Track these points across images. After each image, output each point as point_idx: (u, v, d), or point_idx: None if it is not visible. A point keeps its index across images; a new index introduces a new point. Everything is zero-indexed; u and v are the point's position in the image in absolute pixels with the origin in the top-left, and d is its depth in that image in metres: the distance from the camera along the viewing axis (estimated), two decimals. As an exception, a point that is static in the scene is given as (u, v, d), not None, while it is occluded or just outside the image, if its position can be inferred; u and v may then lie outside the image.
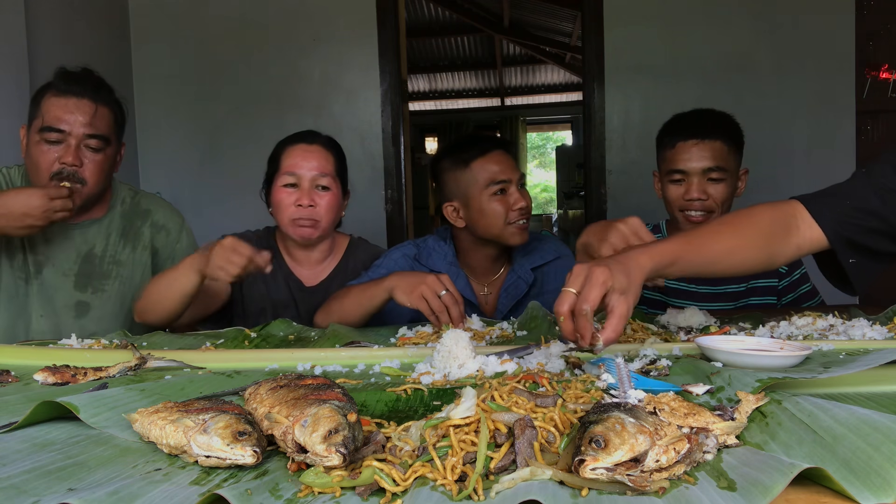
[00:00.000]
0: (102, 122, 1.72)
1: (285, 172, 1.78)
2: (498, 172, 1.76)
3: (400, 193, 3.89)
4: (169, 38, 3.87)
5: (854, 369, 0.86)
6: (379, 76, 3.80)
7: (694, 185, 1.75)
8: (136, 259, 1.87)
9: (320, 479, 0.60)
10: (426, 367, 1.06)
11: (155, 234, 1.91)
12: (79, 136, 1.68)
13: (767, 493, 0.54)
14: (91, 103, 1.69)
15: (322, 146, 1.82)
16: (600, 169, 3.73)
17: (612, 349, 1.16)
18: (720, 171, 1.75)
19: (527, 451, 0.63)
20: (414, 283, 1.49)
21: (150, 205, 1.93)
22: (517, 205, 1.76)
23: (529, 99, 10.87)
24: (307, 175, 1.77)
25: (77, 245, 1.80)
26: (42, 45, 2.93)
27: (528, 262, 1.88)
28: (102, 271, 1.83)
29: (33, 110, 1.71)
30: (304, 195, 1.76)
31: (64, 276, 1.79)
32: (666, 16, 3.63)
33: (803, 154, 3.52)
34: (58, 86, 1.69)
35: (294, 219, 1.77)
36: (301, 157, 1.78)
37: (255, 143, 3.94)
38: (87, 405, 0.79)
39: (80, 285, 1.80)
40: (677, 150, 1.77)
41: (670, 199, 1.82)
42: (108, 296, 1.83)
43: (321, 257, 1.91)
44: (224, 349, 1.35)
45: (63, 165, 1.66)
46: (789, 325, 1.33)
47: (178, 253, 1.90)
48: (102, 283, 1.83)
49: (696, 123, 1.78)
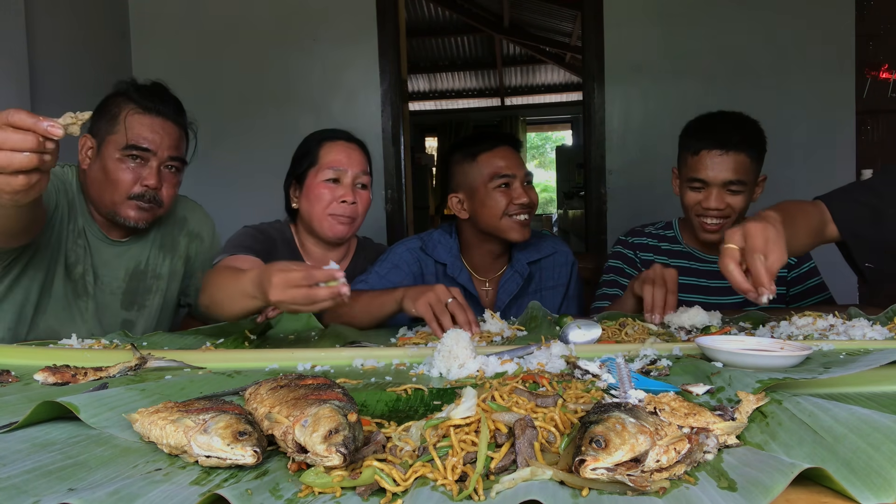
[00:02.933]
0: (183, 145, 1.71)
1: (328, 167, 1.77)
2: (503, 167, 1.81)
3: (400, 193, 3.89)
4: (169, 38, 3.87)
5: (854, 369, 0.87)
6: (379, 76, 3.80)
7: (713, 196, 1.77)
8: (173, 270, 1.84)
9: (320, 479, 0.60)
10: (426, 367, 1.06)
11: (190, 242, 1.88)
12: (163, 158, 1.65)
13: (768, 493, 0.54)
14: (175, 126, 1.68)
15: (359, 147, 1.86)
16: (600, 169, 3.73)
17: (613, 350, 1.16)
18: (740, 184, 1.76)
19: (527, 451, 0.63)
20: (422, 291, 1.50)
21: (186, 211, 1.90)
22: (519, 199, 1.80)
23: (529, 99, 10.87)
24: (350, 172, 1.78)
25: (124, 263, 1.76)
26: (42, 46, 2.93)
27: (524, 256, 1.93)
28: (146, 287, 1.80)
29: (110, 123, 1.63)
30: (348, 192, 1.76)
31: (112, 295, 1.75)
32: (666, 15, 3.63)
33: (803, 154, 3.52)
34: (140, 102, 1.64)
35: (334, 214, 1.76)
36: (345, 154, 1.79)
37: (255, 143, 3.95)
38: (87, 405, 0.79)
39: (127, 303, 1.78)
40: (700, 157, 1.77)
41: (688, 204, 1.84)
42: (149, 311, 1.81)
43: (338, 256, 1.90)
44: (224, 349, 1.35)
45: (146, 188, 1.63)
46: (789, 325, 1.33)
47: (209, 261, 1.85)
48: (145, 300, 1.80)
49: (723, 133, 1.77)
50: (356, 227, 1.82)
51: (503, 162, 1.81)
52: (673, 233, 1.98)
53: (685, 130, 1.87)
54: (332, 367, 1.13)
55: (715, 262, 1.36)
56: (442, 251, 1.90)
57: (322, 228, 1.80)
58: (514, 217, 1.80)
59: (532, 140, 14.89)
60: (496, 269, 1.94)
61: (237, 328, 1.50)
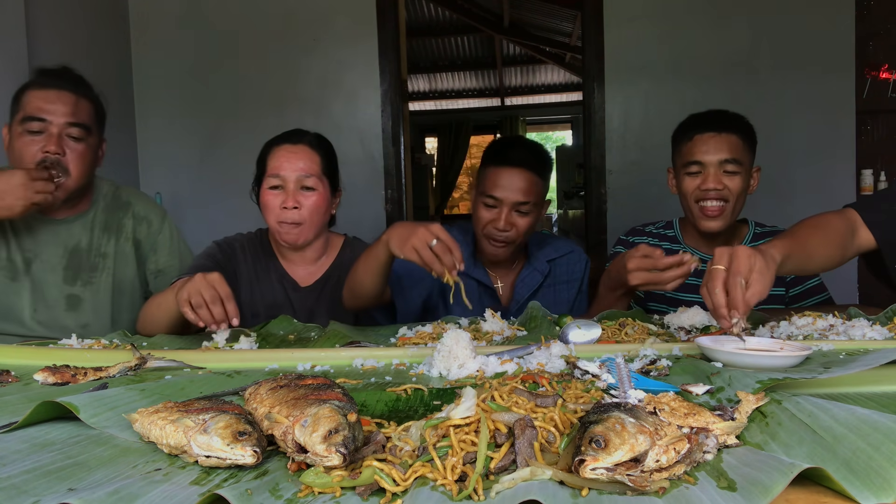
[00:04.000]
0: (83, 112, 1.76)
1: (270, 175, 1.77)
2: (494, 188, 1.82)
3: (400, 193, 3.89)
4: (169, 38, 3.87)
5: (854, 369, 0.86)
6: (379, 76, 3.80)
7: (710, 176, 1.80)
8: (120, 250, 1.90)
9: (320, 479, 0.60)
10: (426, 367, 1.06)
11: (136, 225, 1.93)
12: (60, 125, 1.71)
13: (767, 493, 0.54)
14: (72, 94, 1.74)
15: (307, 146, 1.80)
16: (600, 169, 3.73)
17: (612, 350, 1.16)
18: (735, 163, 1.80)
19: (527, 451, 0.63)
20: (406, 234, 1.48)
21: (131, 197, 1.97)
22: (494, 223, 1.82)
23: (529, 99, 10.87)
24: (291, 176, 1.75)
25: (63, 240, 1.83)
26: (42, 46, 2.93)
27: (543, 255, 1.98)
28: (90, 264, 1.86)
29: (14, 107, 1.74)
30: (288, 197, 1.74)
31: (52, 272, 1.82)
32: (666, 16, 3.63)
33: (803, 154, 3.52)
34: (38, 81, 1.74)
35: (280, 221, 1.76)
36: (285, 159, 1.76)
37: (255, 144, 3.93)
38: (87, 405, 0.79)
39: (69, 279, 1.83)
40: (694, 142, 1.82)
41: (686, 192, 1.85)
42: (98, 287, 1.86)
43: (314, 256, 1.90)
44: (224, 349, 1.35)
45: (46, 154, 1.69)
46: (789, 325, 1.33)
47: (160, 244, 1.94)
48: (91, 276, 1.86)
49: (713, 119, 1.84)
50: (309, 230, 1.79)
51: (498, 183, 1.81)
52: (673, 232, 1.99)
53: (677, 130, 1.92)
54: (332, 367, 1.13)
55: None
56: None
57: (277, 237, 1.81)
58: (487, 238, 1.84)
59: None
60: (510, 264, 1.98)
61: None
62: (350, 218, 2.07)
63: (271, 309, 1.83)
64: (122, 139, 3.78)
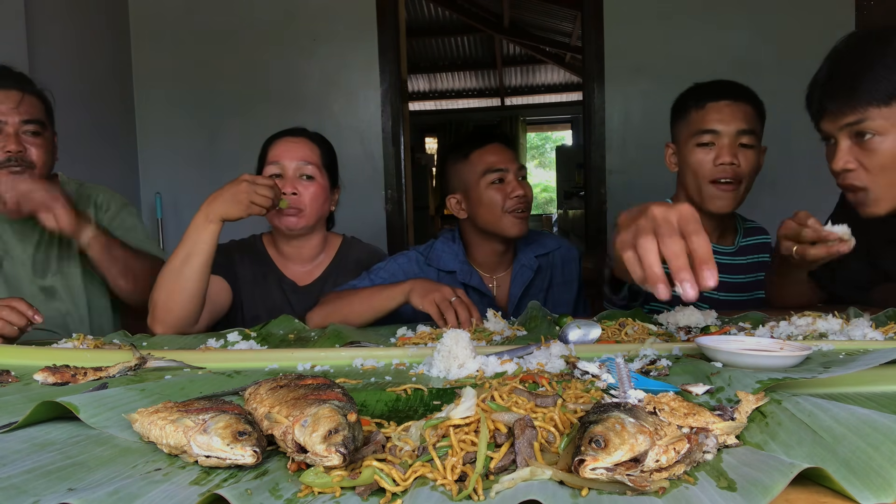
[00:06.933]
0: (34, 108, 1.80)
1: (270, 163, 1.82)
2: (495, 162, 1.84)
3: (400, 193, 3.89)
4: (169, 38, 3.87)
5: (854, 369, 0.86)
6: (379, 76, 3.80)
7: (726, 148, 1.66)
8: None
9: (320, 479, 0.60)
10: (426, 367, 1.06)
11: (97, 212, 1.98)
12: (15, 123, 1.74)
13: (767, 493, 0.54)
14: (18, 92, 1.77)
15: (307, 139, 1.87)
16: (600, 169, 3.74)
17: (612, 349, 1.16)
18: (752, 135, 1.67)
19: (527, 451, 0.63)
20: (429, 288, 1.52)
21: (93, 191, 2.01)
22: (514, 193, 1.82)
23: (529, 99, 10.88)
24: (291, 164, 1.80)
25: (30, 234, 1.88)
26: (42, 46, 2.93)
27: (530, 251, 1.97)
28: (59, 255, 1.91)
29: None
30: (287, 183, 1.79)
31: (22, 266, 1.87)
32: (666, 16, 3.63)
33: (803, 154, 3.52)
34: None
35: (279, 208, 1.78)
36: (285, 149, 1.83)
37: (256, 144, 3.94)
38: (87, 405, 0.79)
39: (40, 272, 1.89)
40: (708, 110, 1.68)
41: (697, 167, 1.70)
42: (69, 275, 1.91)
43: (311, 255, 1.91)
44: (224, 349, 1.35)
45: (9, 153, 1.73)
46: (789, 325, 1.33)
47: (114, 228, 1.94)
48: (60, 266, 1.90)
49: (726, 86, 1.72)
50: (308, 217, 1.81)
51: (494, 157, 1.84)
52: None
53: (681, 98, 1.79)
54: (332, 367, 1.13)
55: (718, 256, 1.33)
56: (448, 259, 1.91)
57: (276, 224, 1.84)
58: (512, 212, 1.83)
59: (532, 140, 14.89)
60: (503, 265, 1.97)
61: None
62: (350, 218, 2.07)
63: (272, 312, 1.83)
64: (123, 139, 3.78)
